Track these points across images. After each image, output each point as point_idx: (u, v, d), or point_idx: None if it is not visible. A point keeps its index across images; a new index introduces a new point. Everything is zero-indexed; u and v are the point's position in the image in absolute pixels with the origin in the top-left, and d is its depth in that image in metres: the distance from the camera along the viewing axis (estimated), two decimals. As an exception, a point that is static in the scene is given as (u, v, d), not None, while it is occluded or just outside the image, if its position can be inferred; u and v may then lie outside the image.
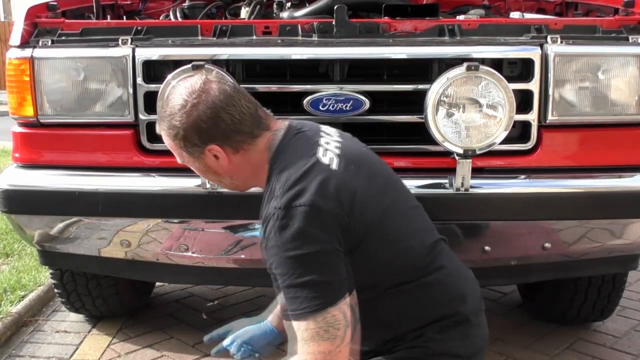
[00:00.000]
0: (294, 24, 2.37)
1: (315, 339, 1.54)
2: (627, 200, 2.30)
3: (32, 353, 2.98)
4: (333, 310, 1.54)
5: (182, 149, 1.69)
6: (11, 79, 2.34)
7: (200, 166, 1.73)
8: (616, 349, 2.98)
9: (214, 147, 1.67)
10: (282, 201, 1.58)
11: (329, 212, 1.58)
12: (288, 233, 1.55)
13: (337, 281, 1.58)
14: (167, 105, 1.68)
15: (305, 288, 1.55)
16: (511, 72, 2.28)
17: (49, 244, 2.48)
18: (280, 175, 1.64)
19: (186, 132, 1.65)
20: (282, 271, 1.57)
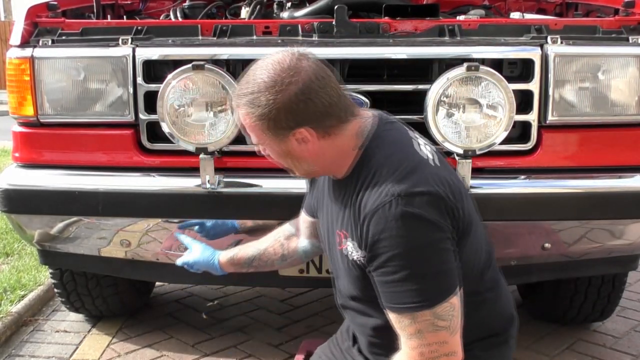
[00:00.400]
0: (294, 24, 2.37)
1: (430, 330, 1.49)
2: (627, 201, 2.30)
3: (32, 352, 2.98)
4: (451, 299, 1.50)
5: (265, 130, 1.54)
6: (11, 79, 2.34)
7: (280, 150, 1.58)
8: (616, 349, 2.99)
9: (303, 131, 1.53)
10: (401, 188, 1.48)
11: (447, 202, 1.52)
12: (412, 221, 1.47)
13: (454, 269, 1.53)
14: (251, 82, 1.53)
15: (426, 279, 1.49)
16: (511, 72, 2.28)
17: (49, 243, 2.48)
18: (387, 162, 1.54)
19: (276, 112, 1.50)
20: (403, 262, 1.48)
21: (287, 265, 2.07)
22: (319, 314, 3.33)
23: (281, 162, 1.64)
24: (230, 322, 3.26)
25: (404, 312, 1.51)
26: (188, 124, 2.23)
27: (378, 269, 1.53)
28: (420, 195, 1.49)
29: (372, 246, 1.52)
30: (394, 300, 1.52)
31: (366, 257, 1.55)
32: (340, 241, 1.65)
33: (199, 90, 2.21)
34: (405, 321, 1.51)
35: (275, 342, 3.03)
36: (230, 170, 2.31)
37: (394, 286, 1.51)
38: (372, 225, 1.50)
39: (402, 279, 1.49)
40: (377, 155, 1.57)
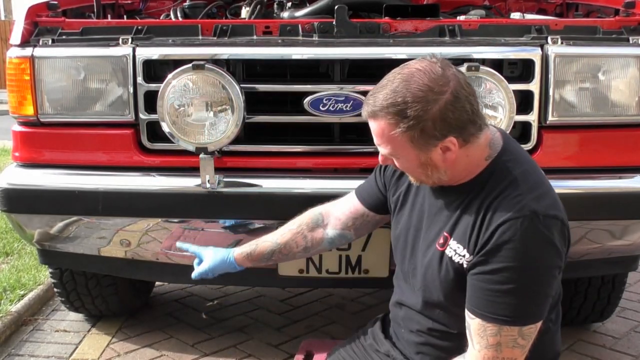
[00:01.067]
0: (295, 23, 2.37)
1: (509, 345, 1.51)
2: (627, 201, 2.30)
3: (32, 352, 2.98)
4: (538, 324, 1.54)
5: (410, 141, 1.52)
6: (11, 78, 2.34)
7: (419, 161, 1.57)
8: (616, 350, 2.99)
9: (451, 139, 1.52)
10: (540, 207, 1.51)
11: (568, 232, 1.57)
12: (542, 242, 1.50)
13: (551, 298, 1.58)
14: (395, 93, 1.50)
15: (531, 298, 1.51)
16: (511, 72, 2.28)
17: (48, 243, 2.48)
18: (524, 178, 1.57)
19: (428, 122, 1.49)
20: (516, 277, 1.50)
21: (309, 255, 2.07)
22: (318, 314, 3.33)
23: (414, 172, 1.63)
24: (230, 322, 3.26)
25: (493, 322, 1.52)
26: (188, 123, 2.23)
27: (485, 274, 1.54)
28: (555, 220, 1.53)
29: (491, 251, 1.52)
30: (488, 309, 1.53)
31: (475, 258, 1.55)
32: (443, 242, 1.64)
33: (199, 90, 2.21)
34: (489, 330, 1.53)
35: (275, 342, 3.03)
36: (230, 170, 2.31)
37: (496, 295, 1.52)
38: (500, 232, 1.51)
39: (508, 291, 1.50)
40: (513, 169, 1.58)
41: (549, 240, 1.51)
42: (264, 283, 3.00)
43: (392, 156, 1.61)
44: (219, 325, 3.23)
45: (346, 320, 3.25)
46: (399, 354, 1.84)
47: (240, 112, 2.21)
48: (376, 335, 1.94)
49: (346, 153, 2.33)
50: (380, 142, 1.59)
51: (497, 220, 1.52)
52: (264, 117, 2.30)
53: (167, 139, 2.26)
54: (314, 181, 2.28)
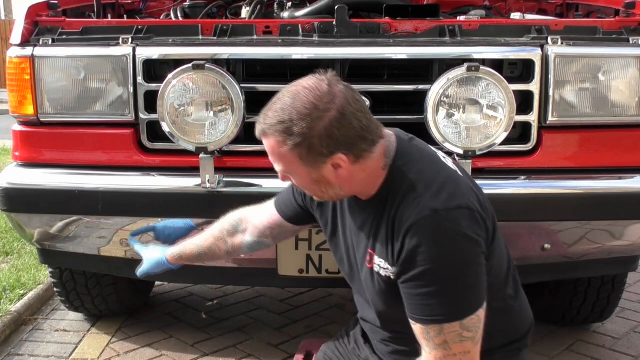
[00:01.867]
0: (295, 23, 2.37)
1: (456, 341, 1.51)
2: (627, 202, 2.30)
3: (32, 352, 2.98)
4: (479, 311, 1.53)
5: (298, 158, 1.53)
6: (12, 78, 2.34)
7: (311, 178, 1.58)
8: (615, 350, 2.98)
9: (340, 156, 1.52)
10: (439, 203, 1.50)
11: (480, 216, 1.55)
12: (450, 237, 1.49)
13: (484, 283, 1.55)
14: (282, 110, 1.52)
15: (458, 293, 1.51)
16: (512, 73, 2.28)
17: (48, 242, 2.48)
18: (420, 178, 1.56)
19: (314, 139, 1.49)
20: (437, 278, 1.50)
21: (234, 257, 2.18)
22: (318, 314, 3.33)
23: (309, 188, 1.63)
24: (229, 321, 3.26)
25: (432, 324, 1.52)
26: (188, 123, 2.23)
27: (409, 282, 1.54)
28: (459, 210, 1.51)
29: (406, 260, 1.52)
30: (423, 313, 1.53)
31: (397, 271, 1.56)
32: (370, 259, 1.65)
33: (199, 90, 2.21)
34: (432, 332, 1.53)
35: (274, 342, 3.03)
36: (230, 170, 2.31)
37: (426, 299, 1.52)
38: (409, 240, 1.51)
39: (436, 292, 1.50)
40: (408, 172, 1.57)
41: (457, 234, 1.50)
42: (263, 283, 3.00)
43: (286, 173, 1.61)
44: (219, 325, 3.23)
45: (346, 320, 3.25)
46: (378, 359, 1.86)
47: (241, 112, 2.21)
48: (357, 340, 1.96)
49: (346, 153, 2.33)
50: (273, 160, 1.60)
51: (403, 227, 1.52)
52: (264, 117, 2.30)
53: (167, 138, 2.26)
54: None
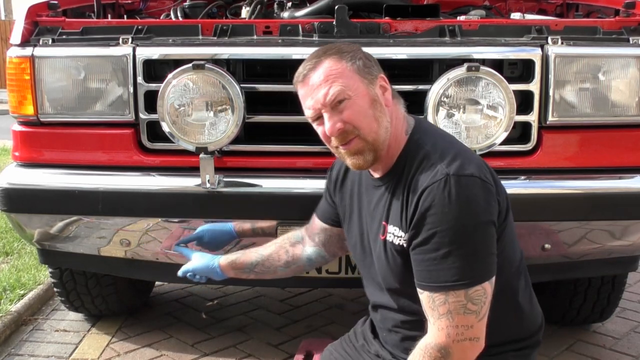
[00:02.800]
0: (295, 23, 2.37)
1: (460, 312, 1.53)
2: (627, 202, 2.30)
3: (32, 352, 2.98)
4: (485, 284, 1.55)
5: (358, 71, 1.64)
6: (12, 78, 2.34)
7: (369, 97, 1.64)
8: (616, 350, 2.98)
9: (383, 76, 1.68)
10: (453, 168, 1.55)
11: (492, 188, 1.59)
12: (463, 200, 1.53)
13: (493, 256, 1.58)
14: (325, 47, 1.71)
15: (469, 259, 1.53)
16: (512, 73, 2.28)
17: (48, 242, 2.48)
18: (435, 149, 1.63)
19: (363, 57, 1.66)
20: (447, 240, 1.53)
21: (290, 272, 2.10)
22: (318, 314, 3.33)
23: (365, 115, 1.64)
24: (229, 321, 3.26)
25: (438, 290, 1.54)
26: (188, 123, 2.23)
27: (420, 246, 1.57)
28: (472, 177, 1.56)
29: (418, 222, 1.56)
30: (431, 279, 1.56)
31: (408, 235, 1.59)
32: (384, 231, 1.68)
33: (199, 90, 2.21)
34: (437, 300, 1.55)
35: (274, 342, 3.03)
36: (230, 170, 2.31)
37: (434, 263, 1.55)
38: (422, 202, 1.56)
39: (444, 255, 1.53)
40: (424, 144, 1.65)
41: (469, 198, 1.54)
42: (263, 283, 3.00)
43: (343, 96, 1.63)
44: (219, 325, 3.23)
45: (346, 320, 3.25)
46: (388, 353, 1.86)
47: (241, 112, 2.21)
48: (366, 336, 1.96)
49: (346, 153, 2.33)
50: (330, 82, 1.63)
51: (417, 192, 1.58)
52: (264, 117, 2.30)
53: (167, 138, 2.26)
54: (314, 181, 2.28)
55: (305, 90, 1.68)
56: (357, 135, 1.65)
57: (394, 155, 1.69)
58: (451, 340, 1.54)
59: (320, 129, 1.70)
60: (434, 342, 1.56)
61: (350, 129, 1.64)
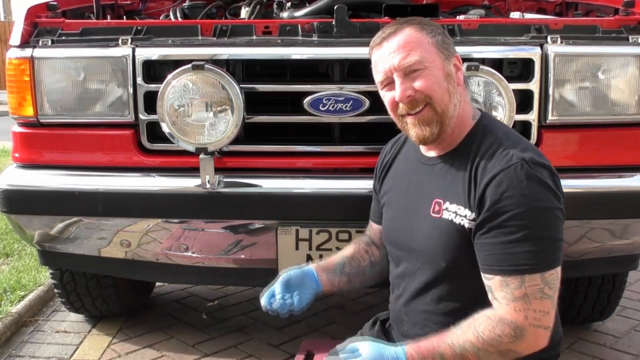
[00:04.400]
0: (294, 23, 2.37)
1: (537, 296, 1.53)
2: (627, 200, 2.30)
3: (32, 353, 2.98)
4: (559, 269, 1.56)
5: (436, 45, 1.65)
6: (11, 79, 2.34)
7: (444, 71, 1.66)
8: (616, 349, 2.98)
9: (457, 56, 1.70)
10: (528, 155, 1.57)
11: (559, 183, 1.61)
12: (538, 185, 1.55)
13: (562, 242, 1.59)
14: (412, 18, 1.71)
15: (545, 242, 1.54)
16: (511, 72, 2.28)
17: (48, 244, 2.48)
18: (507, 137, 1.65)
19: (443, 32, 1.69)
20: (525, 222, 1.53)
21: (377, 275, 2.01)
22: (319, 314, 3.33)
23: (439, 86, 1.65)
24: (230, 322, 3.26)
25: (514, 274, 1.53)
26: (188, 124, 2.23)
27: (494, 229, 1.56)
28: (544, 167, 1.58)
29: (493, 205, 1.56)
30: (506, 262, 1.55)
31: (480, 218, 1.58)
32: (438, 209, 1.67)
33: (199, 91, 2.21)
34: (512, 284, 1.54)
35: (275, 342, 3.03)
36: (230, 171, 2.31)
37: (510, 247, 1.54)
38: (495, 185, 1.56)
39: (521, 239, 1.53)
40: (496, 130, 1.67)
41: (543, 183, 1.55)
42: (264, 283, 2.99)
43: (419, 66, 1.63)
44: (220, 325, 3.23)
45: (347, 320, 3.25)
46: None
47: (240, 112, 2.21)
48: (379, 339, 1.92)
49: (346, 153, 2.33)
50: (408, 49, 1.64)
51: (490, 173, 1.58)
52: (263, 117, 2.30)
53: (167, 139, 2.26)
54: (314, 181, 2.28)
55: (381, 54, 1.69)
56: (427, 103, 1.65)
57: (458, 136, 1.69)
58: (528, 323, 1.53)
59: (389, 96, 1.70)
60: (509, 319, 1.53)
61: (421, 98, 1.64)
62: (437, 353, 1.55)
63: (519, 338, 1.53)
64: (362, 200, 2.19)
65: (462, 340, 1.54)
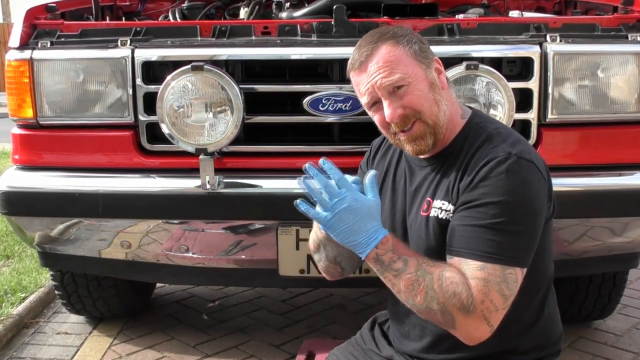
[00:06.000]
0: (293, 24, 2.37)
1: (495, 288, 1.49)
2: (627, 198, 2.30)
3: (33, 355, 2.98)
4: (518, 271, 1.52)
5: (414, 56, 1.62)
6: (10, 81, 2.34)
7: (427, 80, 1.63)
8: (617, 347, 2.99)
9: (437, 59, 1.67)
10: (516, 150, 1.55)
11: (545, 184, 1.59)
12: (520, 179, 1.53)
13: (534, 245, 1.56)
14: (379, 31, 1.68)
15: (511, 236, 1.51)
16: (510, 71, 2.28)
17: (49, 245, 2.48)
18: (498, 133, 1.63)
19: (419, 41, 1.65)
20: (493, 212, 1.51)
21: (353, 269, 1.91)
22: (320, 314, 3.33)
23: (426, 98, 1.63)
24: (231, 322, 3.26)
25: (474, 258, 1.51)
26: (187, 124, 2.23)
27: (463, 211, 1.55)
28: (532, 164, 1.56)
29: (470, 190, 1.55)
30: (469, 246, 1.52)
31: (458, 203, 1.57)
32: (427, 207, 1.66)
33: (198, 91, 2.21)
34: (473, 265, 1.51)
35: (276, 343, 3.03)
36: (230, 171, 2.31)
37: (475, 231, 1.52)
38: (480, 174, 1.55)
39: (487, 226, 1.51)
40: (487, 127, 1.66)
41: (526, 180, 1.53)
42: (264, 283, 3.00)
43: (402, 82, 1.60)
44: (221, 326, 3.23)
45: (347, 320, 3.25)
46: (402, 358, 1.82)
47: (240, 112, 2.21)
48: (379, 341, 1.92)
49: (346, 153, 2.33)
50: (389, 69, 1.61)
51: (476, 166, 1.57)
52: (263, 117, 2.30)
53: (166, 140, 2.26)
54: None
55: (362, 77, 1.65)
56: (418, 118, 1.63)
57: (448, 137, 1.67)
58: (481, 308, 1.48)
59: (377, 116, 1.67)
60: (471, 290, 1.48)
61: (411, 114, 1.63)
62: (404, 258, 1.53)
63: (465, 312, 1.48)
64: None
65: (428, 269, 1.52)
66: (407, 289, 1.52)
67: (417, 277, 1.51)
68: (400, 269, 1.52)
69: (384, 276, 1.55)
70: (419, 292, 1.50)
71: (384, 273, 1.54)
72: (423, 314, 1.54)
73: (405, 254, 1.55)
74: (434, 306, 1.50)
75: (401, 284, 1.52)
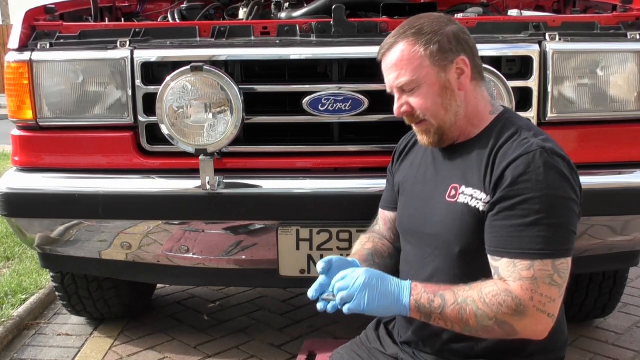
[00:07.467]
0: (292, 24, 2.37)
1: (545, 281, 1.51)
2: (627, 197, 2.30)
3: (34, 356, 2.98)
4: (568, 260, 1.54)
5: (430, 57, 1.62)
6: (10, 83, 2.34)
7: (439, 83, 1.64)
8: (618, 345, 2.99)
9: (463, 58, 1.64)
10: (548, 145, 1.57)
11: (577, 178, 1.60)
12: (556, 173, 1.54)
13: (575, 235, 1.57)
14: (411, 23, 1.67)
15: (556, 229, 1.53)
16: (510, 69, 2.28)
17: (49, 247, 2.48)
18: (529, 128, 1.65)
19: (444, 37, 1.63)
20: (538, 207, 1.52)
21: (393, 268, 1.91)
22: (320, 314, 3.31)
23: (434, 102, 1.65)
24: (232, 323, 3.26)
25: (522, 257, 1.52)
26: (187, 125, 2.23)
27: (506, 211, 1.56)
28: (563, 159, 1.58)
29: (507, 187, 1.56)
30: (513, 245, 1.54)
31: (493, 199, 1.58)
32: (454, 194, 1.67)
33: (198, 92, 2.21)
34: (520, 265, 1.52)
35: (277, 343, 3.03)
36: (230, 172, 2.31)
37: (520, 230, 1.53)
38: (513, 169, 1.56)
39: (533, 223, 1.52)
40: (518, 122, 1.68)
41: (560, 172, 1.55)
42: (265, 284, 3.00)
43: (412, 85, 1.64)
44: (221, 326, 3.23)
45: (348, 320, 3.23)
46: (408, 356, 1.82)
47: (239, 113, 2.21)
48: (383, 340, 1.92)
49: (346, 153, 2.33)
50: (400, 68, 1.65)
51: (509, 158, 1.58)
52: (263, 117, 2.30)
53: (166, 141, 2.26)
54: (313, 181, 2.28)
55: (384, 67, 1.72)
56: (423, 119, 1.68)
57: (473, 131, 1.69)
58: (533, 304, 1.50)
59: (395, 105, 1.73)
60: (514, 294, 1.51)
61: (416, 114, 1.68)
62: (440, 294, 1.55)
63: (519, 314, 1.51)
64: (362, 200, 2.19)
65: (466, 294, 1.54)
66: (457, 320, 1.54)
67: (460, 305, 1.53)
68: (441, 304, 1.55)
69: (432, 321, 1.58)
70: (469, 317, 1.53)
71: (431, 316, 1.57)
72: (484, 334, 1.56)
73: (438, 290, 1.57)
74: (488, 323, 1.52)
75: (450, 319, 1.55)
